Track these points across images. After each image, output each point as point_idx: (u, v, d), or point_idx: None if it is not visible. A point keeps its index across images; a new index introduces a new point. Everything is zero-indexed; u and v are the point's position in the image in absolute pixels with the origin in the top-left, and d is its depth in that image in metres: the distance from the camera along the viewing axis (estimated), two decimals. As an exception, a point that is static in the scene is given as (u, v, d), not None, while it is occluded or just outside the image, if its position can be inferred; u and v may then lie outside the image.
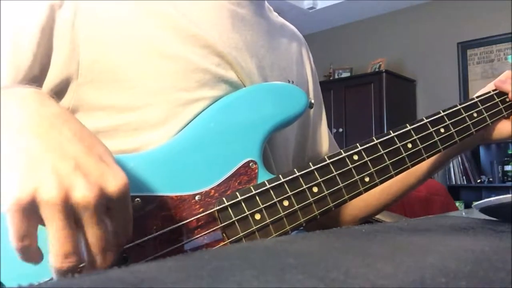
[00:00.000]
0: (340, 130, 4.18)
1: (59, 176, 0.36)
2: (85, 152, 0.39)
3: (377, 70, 4.21)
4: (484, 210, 0.56)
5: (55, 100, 0.45)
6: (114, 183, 0.38)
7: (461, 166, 3.94)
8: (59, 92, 0.57)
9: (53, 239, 0.36)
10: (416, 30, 4.33)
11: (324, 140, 0.85)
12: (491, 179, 3.86)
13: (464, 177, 3.93)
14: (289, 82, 0.74)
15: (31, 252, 0.37)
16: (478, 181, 3.88)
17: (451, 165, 3.95)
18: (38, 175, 0.36)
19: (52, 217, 0.36)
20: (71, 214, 0.36)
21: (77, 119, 0.44)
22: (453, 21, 4.13)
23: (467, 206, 3.73)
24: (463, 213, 0.74)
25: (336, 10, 4.44)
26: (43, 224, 0.36)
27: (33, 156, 0.37)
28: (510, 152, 3.76)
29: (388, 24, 4.51)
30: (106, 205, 0.38)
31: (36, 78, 0.55)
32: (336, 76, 4.51)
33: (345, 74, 4.49)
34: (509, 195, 0.50)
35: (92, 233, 0.37)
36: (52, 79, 0.56)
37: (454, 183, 3.95)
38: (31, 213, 0.36)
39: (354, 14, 4.56)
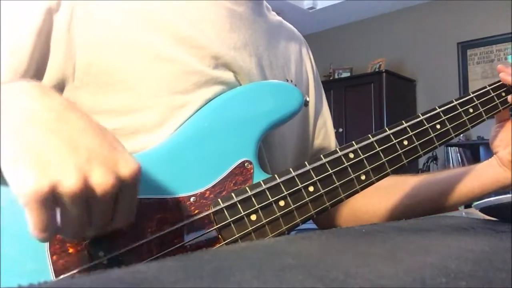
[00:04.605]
0: (340, 130, 4.18)
1: (75, 167, 0.37)
2: (97, 142, 0.40)
3: (377, 70, 4.21)
4: (484, 210, 0.56)
5: (57, 92, 0.46)
6: (128, 168, 0.40)
7: (461, 166, 3.93)
8: None
9: (66, 221, 0.39)
10: (416, 30, 4.33)
11: (331, 136, 0.86)
12: (491, 179, 3.85)
13: (464, 177, 3.92)
14: (287, 81, 0.73)
15: (50, 237, 0.39)
16: (478, 181, 3.87)
17: (451, 165, 3.95)
18: (55, 168, 0.37)
19: (71, 205, 0.38)
20: (86, 200, 0.38)
21: (81, 108, 0.44)
22: (453, 21, 4.13)
23: (467, 206, 3.72)
24: (463, 213, 0.74)
25: (336, 10, 4.44)
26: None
27: (45, 150, 0.38)
28: (510, 152, 3.75)
29: (388, 24, 4.51)
30: (119, 189, 0.40)
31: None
32: (336, 76, 4.51)
33: (345, 74, 4.49)
34: (509, 195, 0.50)
35: (99, 213, 0.40)
36: (47, 82, 0.56)
37: (454, 183, 3.94)
38: (49, 205, 0.37)
39: (354, 14, 4.56)
